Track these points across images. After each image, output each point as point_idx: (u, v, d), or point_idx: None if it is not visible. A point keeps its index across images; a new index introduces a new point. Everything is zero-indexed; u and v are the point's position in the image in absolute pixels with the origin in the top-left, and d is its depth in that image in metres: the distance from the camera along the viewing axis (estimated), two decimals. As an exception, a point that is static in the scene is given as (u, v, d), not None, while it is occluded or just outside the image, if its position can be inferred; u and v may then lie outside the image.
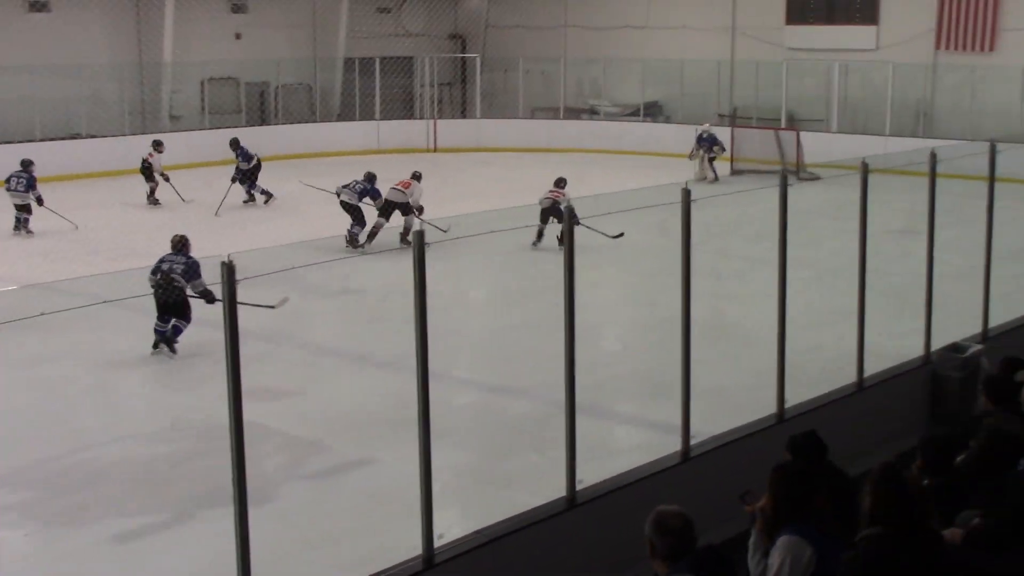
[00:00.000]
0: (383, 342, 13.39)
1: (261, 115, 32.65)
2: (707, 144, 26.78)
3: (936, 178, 10.43)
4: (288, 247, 15.98)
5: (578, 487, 7.35)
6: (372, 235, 18.94)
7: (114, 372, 12.88)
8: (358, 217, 18.88)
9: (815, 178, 24.66)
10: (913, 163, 10.90)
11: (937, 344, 10.56)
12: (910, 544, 4.33)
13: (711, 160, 26.64)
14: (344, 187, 19.21)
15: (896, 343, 11.12)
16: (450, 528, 7.06)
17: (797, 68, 30.38)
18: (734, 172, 27.00)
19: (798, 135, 27.35)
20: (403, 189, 19.55)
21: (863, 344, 9.73)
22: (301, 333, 14.33)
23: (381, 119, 32.46)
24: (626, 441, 10.73)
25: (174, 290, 12.99)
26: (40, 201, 20.39)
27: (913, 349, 10.63)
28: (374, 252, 17.94)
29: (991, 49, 28.41)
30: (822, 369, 10.88)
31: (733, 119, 30.46)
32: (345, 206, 19.00)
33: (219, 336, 5.78)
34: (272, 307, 12.38)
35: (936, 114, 29.30)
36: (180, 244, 13.50)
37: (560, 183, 19.42)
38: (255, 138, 30.16)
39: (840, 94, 30.27)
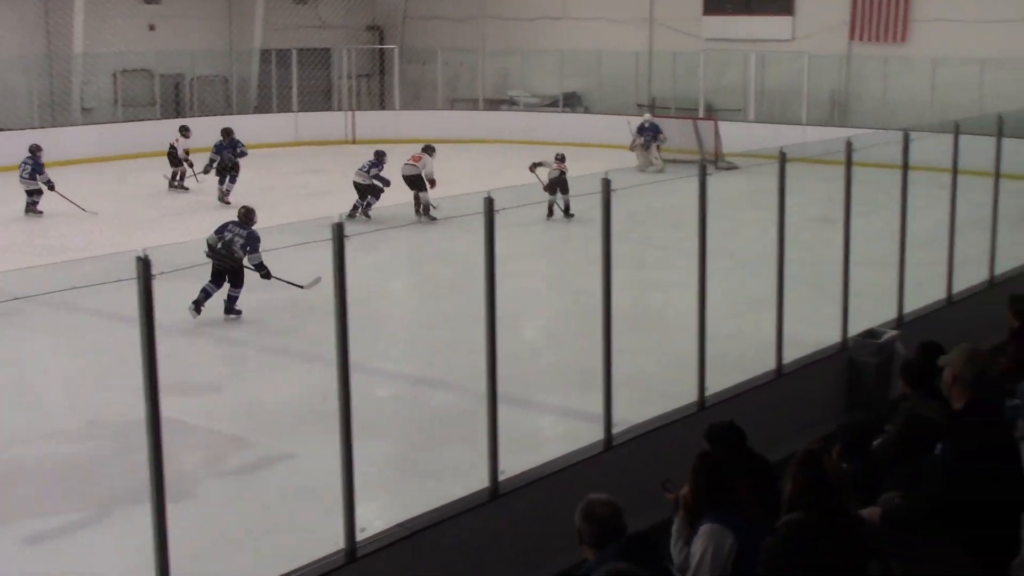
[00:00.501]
0: (305, 335, 13.28)
1: (176, 107, 32.22)
2: (651, 133, 26.97)
3: (852, 167, 10.57)
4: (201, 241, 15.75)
5: (501, 478, 7.33)
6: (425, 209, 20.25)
7: (29, 370, 12.63)
8: (374, 192, 20.07)
9: (733, 167, 24.89)
10: (829, 152, 11.03)
11: (853, 331, 10.70)
12: (830, 528, 4.38)
13: (658, 148, 26.86)
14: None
15: (814, 330, 11.25)
16: (373, 521, 7.01)
17: (714, 59, 30.65)
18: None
19: (716, 125, 27.61)
20: (414, 163, 20.53)
21: (782, 332, 9.83)
22: (220, 327, 14.16)
23: (299, 111, 32.16)
24: (549, 431, 10.75)
25: (231, 258, 13.69)
26: (51, 186, 20.88)
27: (830, 336, 10.76)
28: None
29: (903, 40, 28.91)
30: (742, 357, 10.96)
31: (652, 110, 30.64)
32: (356, 187, 20.21)
33: (134, 332, 5.68)
34: (302, 287, 12.59)
35: (851, 104, 29.76)
36: (245, 216, 14.20)
37: (561, 158, 21.13)
38: (170, 130, 29.82)
39: (757, 84, 30.58)
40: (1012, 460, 5.83)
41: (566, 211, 20.46)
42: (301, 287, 13.17)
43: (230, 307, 14.05)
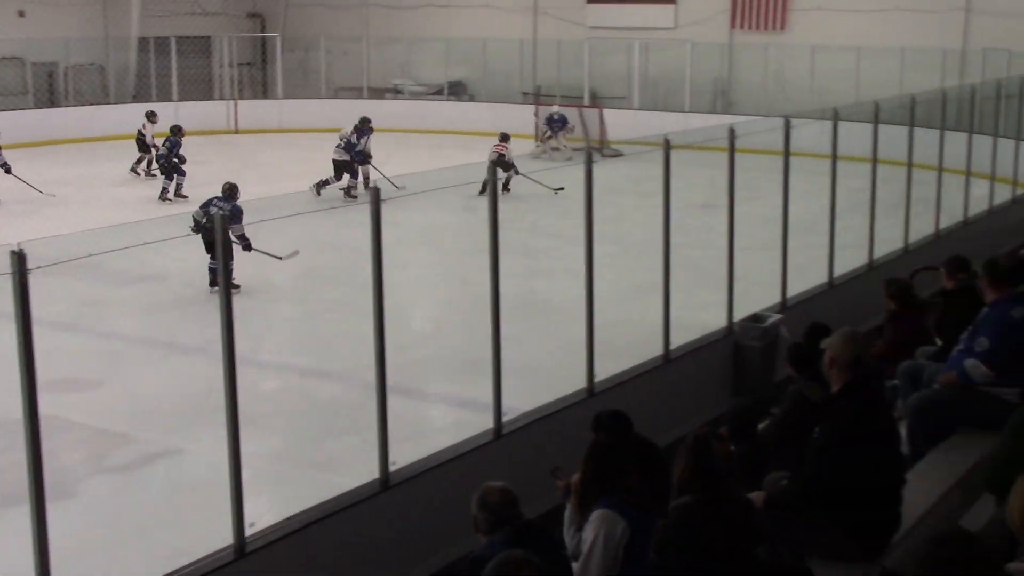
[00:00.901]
0: (188, 329, 13.06)
1: (50, 97, 31.37)
2: (559, 124, 26.94)
3: (735, 153, 10.71)
4: (87, 233, 15.40)
5: (391, 468, 7.30)
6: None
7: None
8: (350, 170, 20.07)
9: (618, 154, 25.08)
10: (712, 139, 11.16)
11: (739, 315, 10.86)
12: (719, 513, 4.42)
13: (565, 137, 26.85)
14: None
15: (699, 315, 11.39)
16: (262, 516, 6.92)
17: (599, 47, 30.86)
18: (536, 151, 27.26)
19: (601, 112, 27.78)
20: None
21: (668, 317, 9.93)
22: (100, 322, 13.85)
23: (179, 100, 31.56)
24: (439, 421, 10.72)
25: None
26: (7, 169, 20.72)
27: (716, 321, 10.90)
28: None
29: (783, 28, 29.44)
30: (629, 343, 11.03)
31: (537, 98, 30.74)
32: (334, 164, 20.28)
33: (8, 327, 5.53)
34: (280, 258, 12.55)
35: (733, 91, 30.21)
36: (229, 191, 15.15)
37: (504, 138, 22.19)
38: (44, 121, 29.05)
39: (641, 72, 30.87)
40: (890, 441, 5.96)
41: (504, 186, 21.40)
42: (280, 258, 13.43)
43: (215, 280, 14.10)
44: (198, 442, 9.63)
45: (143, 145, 24.31)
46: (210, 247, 13.75)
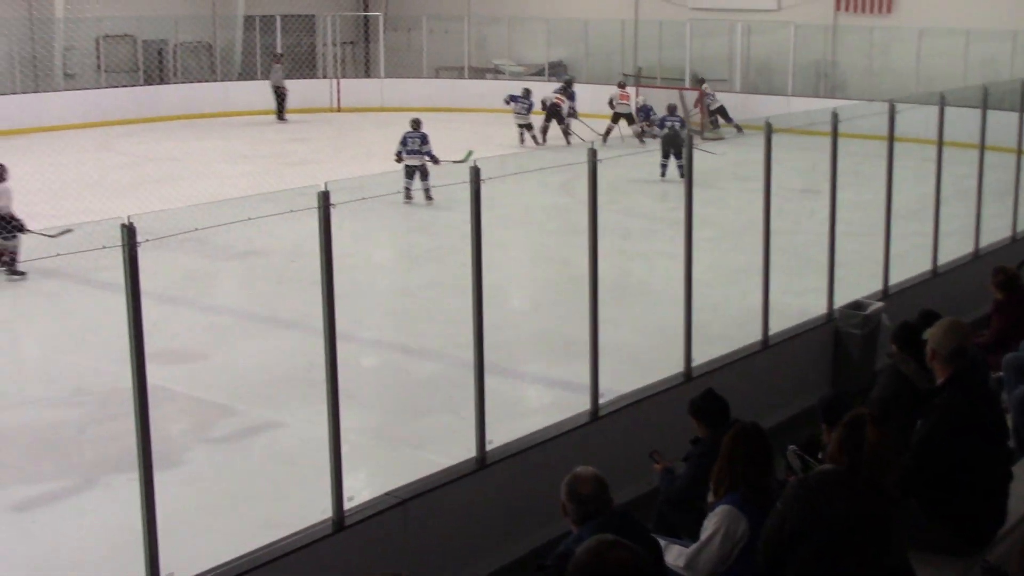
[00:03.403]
0: (289, 303, 13.26)
1: (160, 74, 31.96)
2: (644, 114, 26.78)
3: (838, 137, 10.57)
4: (193, 208, 15.69)
5: (488, 447, 7.35)
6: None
7: (15, 337, 12.59)
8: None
9: (719, 138, 24.88)
10: (815, 123, 11.02)
11: (839, 302, 10.73)
12: (854, 485, 4.43)
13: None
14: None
15: (799, 301, 11.28)
16: (360, 491, 7.02)
17: (700, 28, 30.55)
18: (638, 134, 27.11)
19: (702, 95, 27.55)
20: (626, 100, 25.69)
21: (768, 302, 9.85)
22: (205, 296, 14.14)
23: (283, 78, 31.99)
24: (535, 401, 10.76)
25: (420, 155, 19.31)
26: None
27: (815, 307, 10.78)
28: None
29: (889, 11, 28.85)
30: (727, 327, 10.99)
31: (637, 79, 30.55)
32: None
33: (117, 299, 5.66)
34: (462, 161, 14.35)
35: (837, 74, 29.74)
36: (417, 123, 19.63)
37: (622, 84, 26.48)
38: (154, 97, 29.66)
39: (743, 54, 30.52)
40: (996, 434, 5.85)
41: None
42: (462, 162, 15.17)
43: (427, 195, 18.57)
44: (297, 416, 9.79)
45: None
46: (410, 173, 18.85)
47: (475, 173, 7.09)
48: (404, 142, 19.63)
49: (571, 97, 26.84)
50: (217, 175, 21.09)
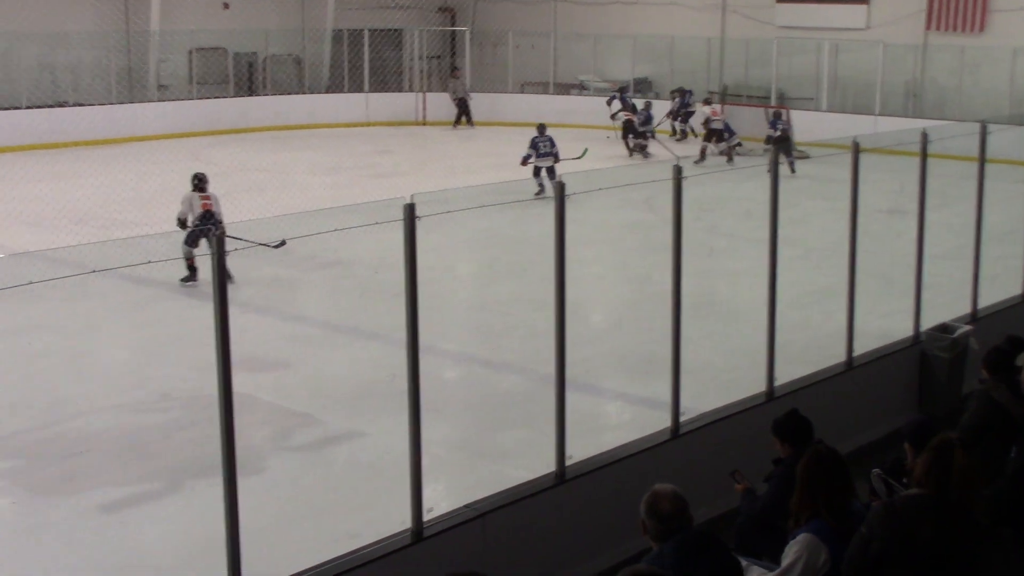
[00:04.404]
0: (372, 315, 13.37)
1: (249, 86, 32.47)
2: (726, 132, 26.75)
3: (927, 158, 10.42)
4: (280, 218, 15.93)
5: (568, 462, 7.34)
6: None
7: (99, 342, 12.85)
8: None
9: (805, 156, 24.64)
10: (903, 143, 10.88)
11: (926, 324, 10.57)
12: (940, 509, 4.36)
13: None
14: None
15: (884, 323, 11.14)
16: (439, 502, 7.05)
17: (787, 46, 30.34)
18: (723, 152, 26.98)
19: (788, 113, 27.32)
20: (718, 116, 26.33)
21: (852, 323, 9.73)
22: (290, 305, 14.31)
23: (370, 91, 32.33)
24: (615, 417, 10.73)
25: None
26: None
27: (901, 329, 10.63)
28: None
29: (981, 30, 28.41)
30: (809, 347, 10.88)
31: (723, 97, 30.41)
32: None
33: (205, 307, 5.75)
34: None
35: (926, 94, 29.32)
36: (543, 128, 21.36)
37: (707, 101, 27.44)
38: (243, 109, 30.15)
39: (830, 73, 30.23)
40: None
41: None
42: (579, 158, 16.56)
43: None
44: (378, 426, 9.86)
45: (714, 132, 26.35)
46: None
47: (560, 188, 7.11)
48: (535, 146, 21.29)
49: (646, 116, 27.14)
50: (303, 186, 21.34)
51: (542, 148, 21.21)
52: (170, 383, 11.17)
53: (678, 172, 7.93)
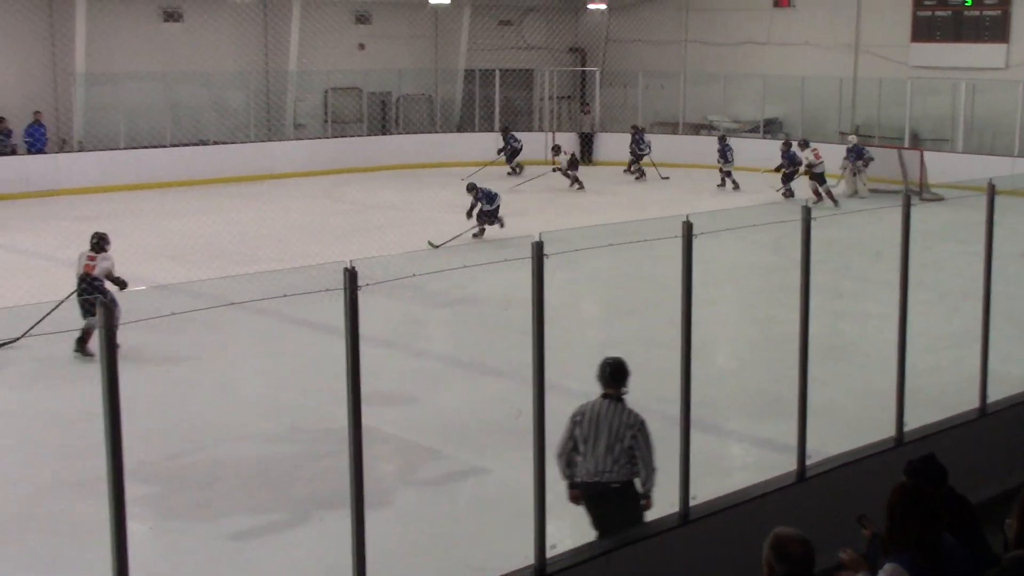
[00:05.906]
0: (498, 351, 13.49)
1: (382, 125, 33.07)
2: (853, 156, 26.55)
3: (1066, 201, 10.19)
4: (409, 255, 16.20)
5: (692, 503, 7.33)
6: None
7: (233, 373, 13.18)
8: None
9: (938, 199, 24.17)
10: (1042, 185, 10.66)
11: (1064, 371, 10.30)
12: None
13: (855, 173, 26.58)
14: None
15: (1019, 369, 10.87)
16: (563, 539, 7.09)
17: (922, 86, 29.84)
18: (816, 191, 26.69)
19: (922, 155, 26.82)
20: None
21: (986, 368, 9.52)
22: (416, 340, 14.51)
23: (501, 130, 32.65)
24: (740, 459, 10.66)
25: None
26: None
27: (1038, 375, 10.38)
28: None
29: None
30: (941, 393, 10.68)
31: (857, 138, 29.99)
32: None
33: (336, 341, 5.89)
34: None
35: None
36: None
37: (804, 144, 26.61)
38: (376, 147, 30.75)
39: (967, 113, 29.61)
40: None
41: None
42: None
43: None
44: (502, 462, 9.94)
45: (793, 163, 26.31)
46: None
47: (687, 228, 7.13)
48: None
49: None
50: (434, 223, 21.63)
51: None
52: (300, 414, 11.42)
53: (807, 213, 7.89)
